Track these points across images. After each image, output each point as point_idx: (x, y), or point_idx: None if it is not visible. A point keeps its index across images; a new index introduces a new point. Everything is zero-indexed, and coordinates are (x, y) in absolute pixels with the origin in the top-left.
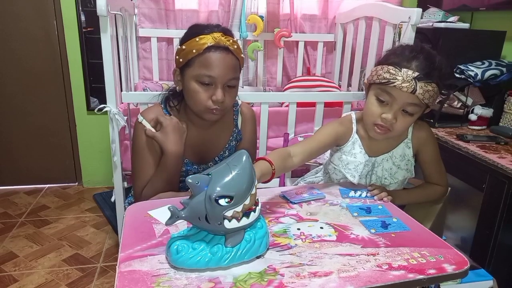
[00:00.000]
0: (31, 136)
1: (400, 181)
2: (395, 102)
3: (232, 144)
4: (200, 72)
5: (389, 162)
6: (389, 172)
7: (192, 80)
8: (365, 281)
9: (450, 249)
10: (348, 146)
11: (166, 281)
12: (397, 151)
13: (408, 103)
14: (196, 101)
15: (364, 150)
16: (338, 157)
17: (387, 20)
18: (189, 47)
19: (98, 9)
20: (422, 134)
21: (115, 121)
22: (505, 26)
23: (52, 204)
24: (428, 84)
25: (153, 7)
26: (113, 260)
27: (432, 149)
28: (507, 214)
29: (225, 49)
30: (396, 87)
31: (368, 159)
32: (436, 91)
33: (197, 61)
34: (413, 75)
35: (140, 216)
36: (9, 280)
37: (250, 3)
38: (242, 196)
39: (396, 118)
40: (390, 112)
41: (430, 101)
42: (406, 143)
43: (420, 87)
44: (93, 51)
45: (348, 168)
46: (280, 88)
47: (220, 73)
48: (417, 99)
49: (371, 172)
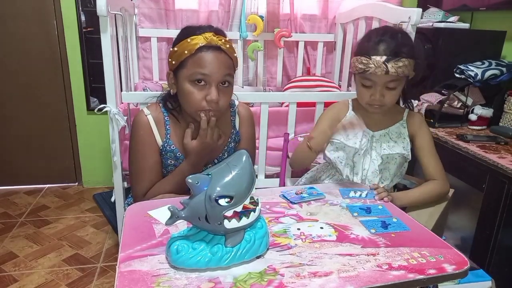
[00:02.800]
0: (31, 136)
1: (398, 162)
2: (376, 84)
3: (230, 146)
4: (193, 71)
5: (387, 137)
6: (387, 145)
7: (185, 81)
8: (365, 281)
9: (450, 249)
10: (347, 121)
11: (166, 281)
12: (393, 129)
13: (387, 81)
14: (191, 102)
15: (362, 121)
16: (339, 133)
17: (387, 20)
18: (181, 49)
19: (98, 9)
20: (415, 119)
21: (115, 121)
22: (505, 26)
23: (52, 204)
24: (397, 61)
25: (153, 7)
26: (113, 260)
27: (427, 133)
28: (507, 214)
29: (217, 49)
30: (372, 73)
31: (366, 129)
32: (408, 63)
33: (190, 62)
34: (382, 60)
35: (140, 216)
36: (9, 280)
37: (250, 3)
38: (242, 196)
39: (383, 95)
40: (376, 93)
41: (407, 72)
42: (401, 123)
43: (391, 67)
44: (93, 51)
45: (348, 138)
46: (280, 88)
47: (213, 70)
48: (393, 76)
49: (370, 148)
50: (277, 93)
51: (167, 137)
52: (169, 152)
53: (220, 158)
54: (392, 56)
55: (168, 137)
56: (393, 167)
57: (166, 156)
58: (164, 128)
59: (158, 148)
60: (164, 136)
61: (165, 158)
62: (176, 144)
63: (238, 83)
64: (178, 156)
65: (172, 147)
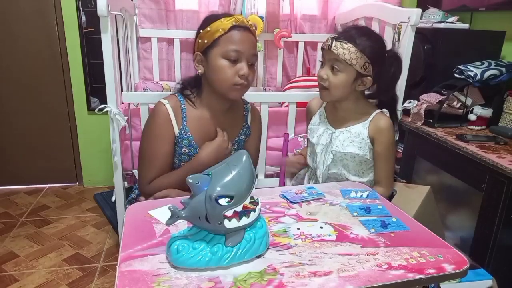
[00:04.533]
0: (31, 136)
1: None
2: (325, 60)
3: (241, 138)
4: (227, 47)
5: (345, 135)
6: (341, 143)
7: (219, 57)
8: (365, 280)
9: (449, 248)
10: (315, 117)
11: (166, 281)
12: (354, 129)
13: (331, 59)
14: (224, 77)
15: (326, 120)
16: (309, 129)
17: (386, 21)
18: (214, 27)
19: (99, 10)
20: (380, 123)
21: (116, 121)
22: (505, 26)
23: (53, 204)
24: (343, 43)
25: (153, 8)
26: (114, 259)
27: (386, 141)
28: (506, 214)
29: (247, 29)
30: (323, 47)
31: (328, 126)
32: (354, 51)
33: (223, 39)
34: (333, 36)
35: (141, 216)
36: (10, 280)
37: (250, 4)
38: (242, 196)
39: (327, 74)
40: (322, 69)
41: (348, 58)
42: (364, 124)
43: (335, 45)
44: (94, 51)
45: (312, 135)
46: (280, 88)
47: (246, 48)
48: (334, 54)
49: (329, 144)
50: (277, 93)
51: (183, 124)
52: (184, 140)
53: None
54: (340, 37)
55: (185, 124)
56: (351, 164)
57: (181, 144)
58: (181, 115)
59: (173, 139)
60: (181, 123)
61: (180, 146)
62: (191, 132)
63: None
64: (192, 144)
65: (188, 134)
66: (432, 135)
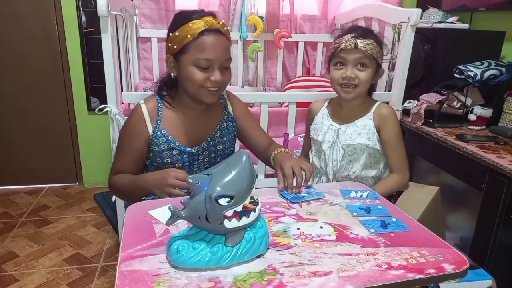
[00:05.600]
0: (31, 136)
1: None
2: (348, 61)
3: (223, 125)
4: (197, 56)
5: (352, 129)
6: (350, 136)
7: (189, 65)
8: (365, 280)
9: (449, 248)
10: (318, 117)
11: (166, 281)
12: (360, 121)
13: (359, 57)
14: (195, 83)
15: (330, 118)
16: (312, 128)
17: (386, 21)
18: (183, 33)
19: (99, 10)
20: (383, 111)
21: (116, 121)
22: (505, 26)
23: (53, 204)
24: (366, 39)
25: (153, 8)
26: (114, 259)
27: (392, 127)
28: (506, 213)
29: (217, 32)
30: (343, 49)
31: (333, 123)
32: (375, 45)
33: (193, 46)
34: (351, 35)
35: (141, 215)
36: (10, 279)
37: (250, 4)
38: (242, 195)
39: (354, 74)
40: (347, 71)
41: (375, 52)
42: (368, 116)
43: (360, 42)
44: (94, 51)
45: (317, 133)
46: (280, 88)
47: (217, 55)
48: (362, 52)
49: (337, 141)
50: (277, 93)
51: (157, 123)
52: (161, 137)
53: (213, 136)
54: (360, 35)
55: (159, 122)
56: (362, 157)
57: (158, 142)
58: (156, 115)
59: (146, 138)
60: (155, 122)
61: (158, 144)
62: (166, 129)
63: (238, 83)
64: (170, 139)
65: (163, 132)
66: (432, 135)
